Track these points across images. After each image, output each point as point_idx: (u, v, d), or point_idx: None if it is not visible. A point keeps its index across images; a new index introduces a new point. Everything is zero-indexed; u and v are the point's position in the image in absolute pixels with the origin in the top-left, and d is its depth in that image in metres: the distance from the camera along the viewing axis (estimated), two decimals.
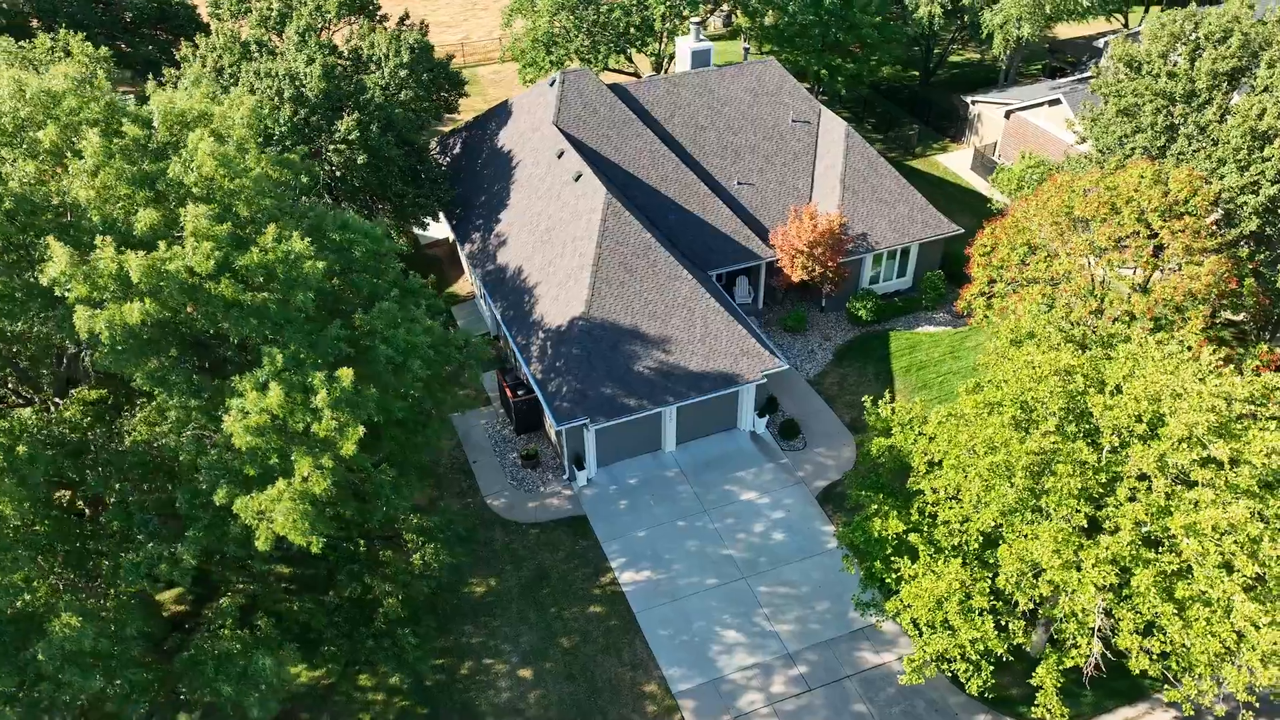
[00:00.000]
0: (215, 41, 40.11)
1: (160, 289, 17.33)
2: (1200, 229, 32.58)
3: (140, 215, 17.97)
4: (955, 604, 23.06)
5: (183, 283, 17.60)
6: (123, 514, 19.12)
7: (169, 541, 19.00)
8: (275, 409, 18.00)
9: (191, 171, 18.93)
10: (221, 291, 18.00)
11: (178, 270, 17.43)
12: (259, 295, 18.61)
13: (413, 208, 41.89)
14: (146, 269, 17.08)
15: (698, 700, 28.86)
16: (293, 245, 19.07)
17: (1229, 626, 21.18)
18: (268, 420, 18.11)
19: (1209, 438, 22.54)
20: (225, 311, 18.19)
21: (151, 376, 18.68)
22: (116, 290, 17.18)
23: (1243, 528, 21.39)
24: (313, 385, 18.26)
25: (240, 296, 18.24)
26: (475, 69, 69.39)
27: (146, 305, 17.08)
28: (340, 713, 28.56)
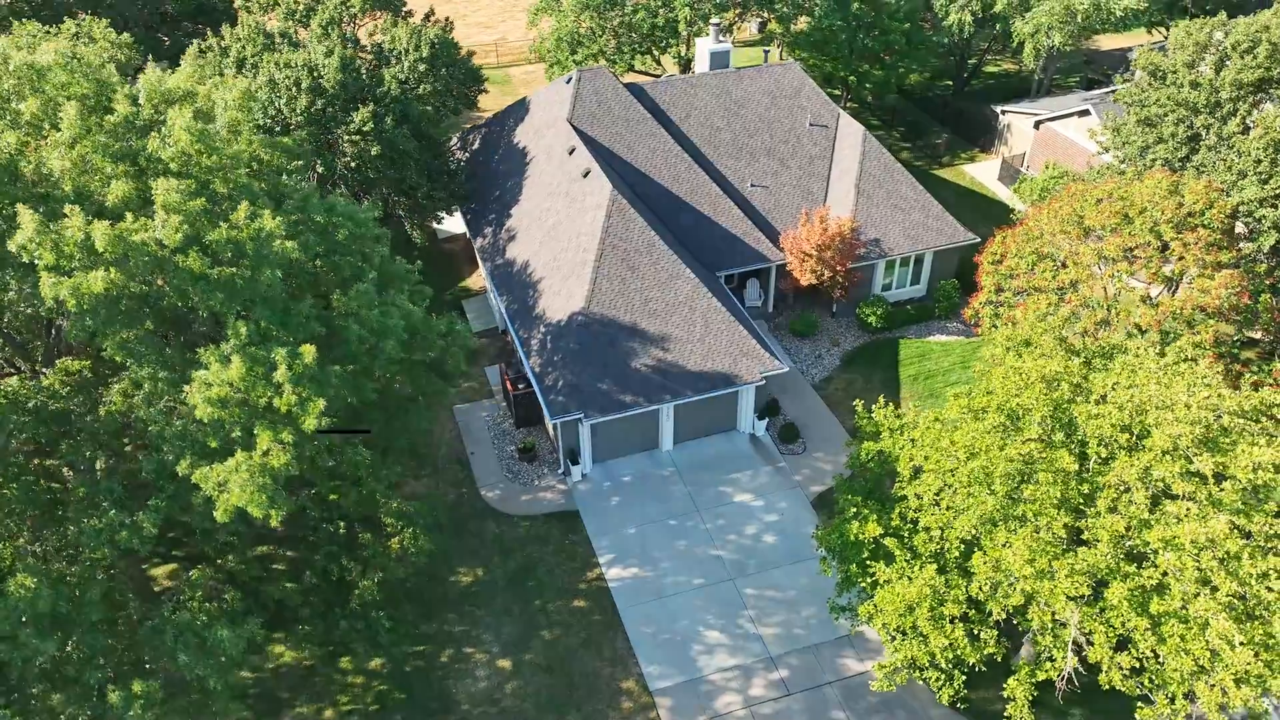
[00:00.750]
0: (240, 33, 40.91)
1: (126, 259, 17.70)
2: (1214, 242, 31.76)
3: (112, 187, 18.38)
4: (926, 610, 22.64)
5: (150, 254, 17.94)
6: (89, 481, 19.51)
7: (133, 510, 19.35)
8: (236, 381, 18.26)
9: (168, 146, 19.31)
10: (189, 265, 18.32)
11: (144, 241, 17.79)
12: (227, 270, 18.91)
13: (427, 201, 42.29)
14: (112, 239, 17.45)
15: (674, 699, 28.64)
16: (263, 223, 19.35)
17: (1204, 644, 20.52)
18: (229, 392, 18.38)
19: (1194, 450, 21.91)
20: (194, 285, 18.50)
21: (122, 347, 19.07)
22: (83, 259, 17.59)
23: (1222, 543, 20.74)
24: (275, 360, 18.50)
25: (207, 270, 18.55)
26: (508, 69, 69.95)
27: (112, 274, 17.45)
28: (320, 694, 28.81)
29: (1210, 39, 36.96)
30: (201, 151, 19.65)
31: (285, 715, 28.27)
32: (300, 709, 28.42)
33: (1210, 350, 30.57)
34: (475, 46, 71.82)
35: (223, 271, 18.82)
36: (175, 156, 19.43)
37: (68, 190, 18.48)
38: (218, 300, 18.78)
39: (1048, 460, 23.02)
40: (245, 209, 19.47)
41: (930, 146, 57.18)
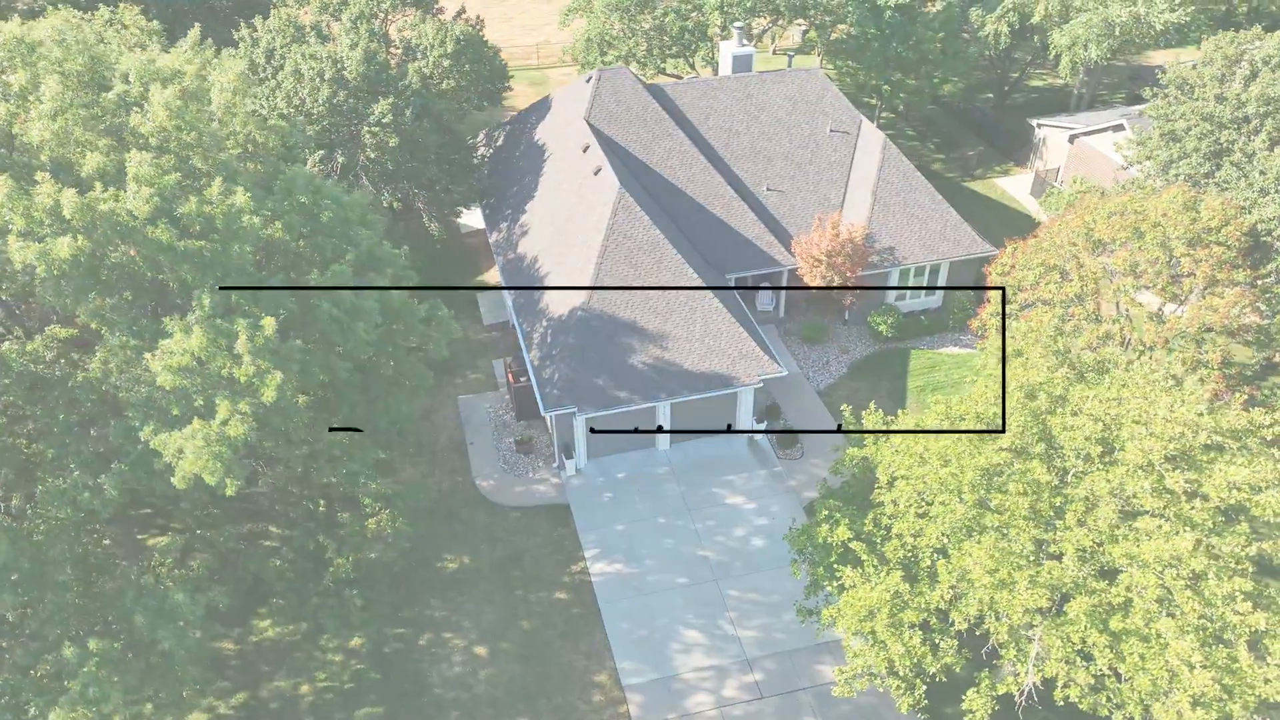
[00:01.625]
0: (271, 24, 41.96)
1: (94, 227, 18.33)
2: (1227, 259, 30.90)
3: (87, 158, 19.07)
4: (885, 616, 22.32)
5: (118, 223, 18.56)
6: (58, 442, 20.21)
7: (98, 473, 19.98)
8: (197, 351, 18.77)
9: (148, 122, 19.97)
10: (158, 236, 18.90)
11: (112, 211, 18.41)
12: (195, 243, 19.47)
13: (445, 194, 42.89)
14: (80, 207, 18.10)
15: (646, 696, 28.60)
16: (235, 199, 19.89)
17: (1163, 664, 19.94)
18: (191, 361, 18.91)
19: (1166, 466, 21.36)
20: (162, 255, 19.09)
21: (95, 314, 19.73)
22: (53, 226, 18.26)
23: (1187, 562, 20.16)
24: (236, 331, 18.99)
25: (176, 243, 19.12)
26: (548, 70, 70.62)
27: (79, 241, 18.09)
28: (299, 669, 29.34)
29: (1242, 53, 35.98)
30: (180, 128, 20.29)
31: (263, 688, 28.84)
32: (278, 683, 28.97)
33: (1216, 370, 29.72)
34: (518, 48, 72.96)
35: (191, 244, 19.39)
36: (154, 132, 20.09)
37: (43, 159, 19.24)
38: (186, 271, 19.35)
39: (1020, 471, 22.65)
40: (219, 184, 20.04)
41: (963, 159, 56.37)
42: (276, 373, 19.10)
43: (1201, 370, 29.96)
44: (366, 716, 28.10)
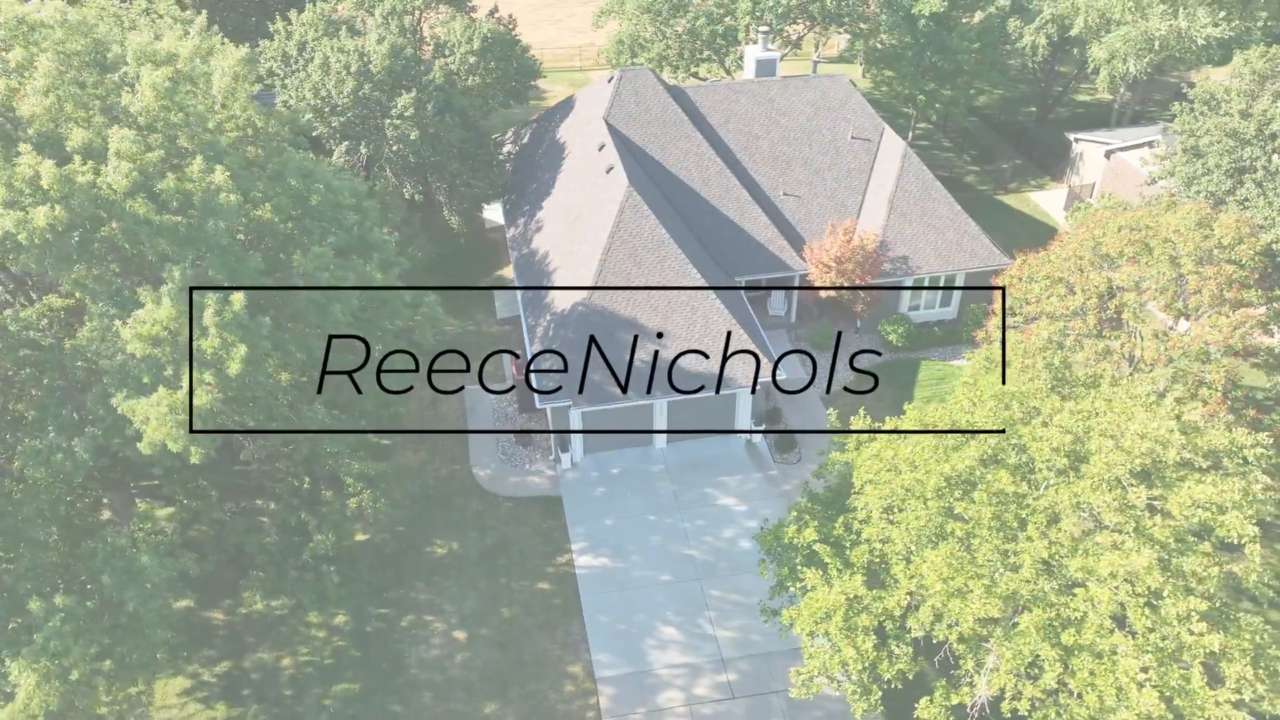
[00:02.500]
0: (305, 18, 43.12)
1: (71, 198, 19.16)
2: (1237, 278, 30.07)
3: (72, 133, 19.94)
4: (840, 619, 22.16)
5: (96, 195, 19.38)
6: (40, 406, 21.11)
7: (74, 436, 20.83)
8: (166, 321, 19.48)
9: (136, 101, 20.80)
10: (135, 209, 19.67)
11: (89, 183, 19.22)
12: (172, 218, 20.21)
13: (465, 189, 43.59)
14: (58, 178, 18.94)
15: (617, 689, 28.74)
16: (213, 177, 20.61)
17: (1113, 681, 19.51)
18: (162, 332, 19.62)
19: (1130, 481, 20.91)
20: (140, 229, 19.86)
21: (78, 284, 20.59)
22: (33, 196, 19.13)
23: (1143, 578, 19.71)
24: (205, 304, 19.67)
25: (152, 216, 19.88)
26: (589, 72, 71.24)
27: (55, 211, 18.92)
28: (283, 642, 30.08)
29: (1273, 69, 35.00)
30: (168, 109, 21.09)
31: (247, 658, 29.62)
32: (261, 654, 29.73)
33: (1218, 391, 28.90)
34: (563, 49, 73.79)
35: (168, 219, 20.14)
36: (142, 111, 20.92)
37: (31, 134, 20.19)
38: (162, 245, 20.10)
39: (988, 480, 22.36)
40: (199, 163, 20.79)
41: (997, 172, 55.54)
42: (241, 346, 19.73)
43: (1203, 390, 29.19)
44: (343, 692, 28.69)
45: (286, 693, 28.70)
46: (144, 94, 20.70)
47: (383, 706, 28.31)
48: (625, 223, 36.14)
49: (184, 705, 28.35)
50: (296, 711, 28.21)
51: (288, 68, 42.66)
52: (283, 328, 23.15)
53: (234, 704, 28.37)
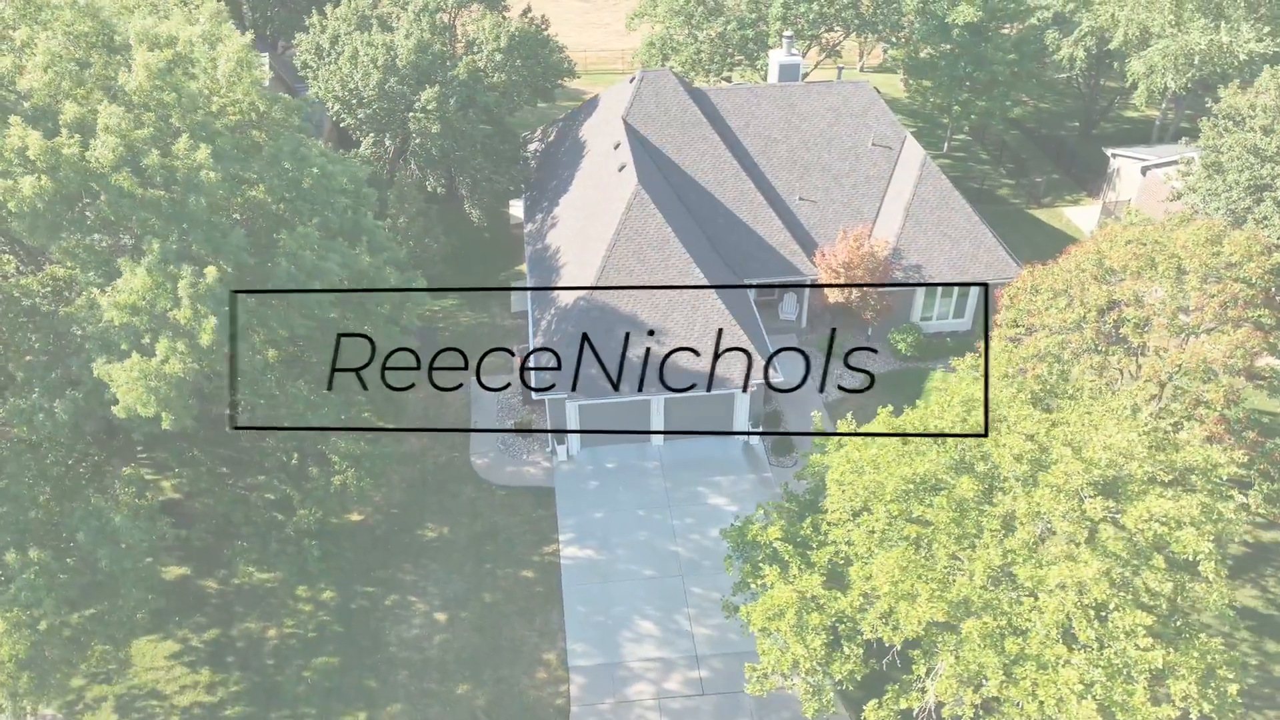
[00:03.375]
0: (340, 12, 44.33)
1: (57, 169, 20.13)
2: (1245, 296, 29.32)
3: (66, 108, 20.94)
4: (791, 617, 22.14)
5: (81, 168, 20.33)
6: (27, 367, 22.16)
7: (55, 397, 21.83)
8: (142, 291, 20.34)
9: (130, 81, 21.77)
10: (119, 182, 20.59)
11: (75, 155, 20.18)
12: (155, 193, 21.10)
13: (486, 183, 44.36)
14: (44, 149, 19.92)
15: (589, 678, 28.99)
16: (197, 155, 21.46)
17: (1054, 692, 19.22)
18: (139, 300, 20.49)
19: (1088, 492, 20.60)
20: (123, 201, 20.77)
21: (67, 253, 21.60)
22: (22, 166, 20.13)
23: (1091, 590, 19.39)
24: (180, 275, 20.49)
25: (136, 190, 20.77)
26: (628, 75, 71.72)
27: (41, 181, 19.89)
28: (271, 614, 30.93)
29: None
30: (160, 89, 22.01)
31: (235, 627, 30.53)
32: (249, 624, 30.61)
33: (1216, 410, 28.19)
34: (608, 52, 74.56)
35: (152, 193, 21.02)
36: (135, 90, 21.88)
37: (27, 107, 21.26)
38: (146, 218, 20.99)
39: (950, 485, 22.21)
40: (184, 141, 21.66)
41: (1031, 185, 54.68)
42: (212, 317, 20.50)
43: (1200, 409, 28.50)
44: (322, 665, 29.41)
45: (269, 662, 29.51)
46: (137, 73, 21.65)
47: (359, 682, 28.95)
48: (632, 220, 36.47)
49: (170, 668, 29.33)
50: (276, 681, 28.99)
51: (320, 60, 43.90)
52: (266, 304, 23.92)
53: (218, 670, 29.26)
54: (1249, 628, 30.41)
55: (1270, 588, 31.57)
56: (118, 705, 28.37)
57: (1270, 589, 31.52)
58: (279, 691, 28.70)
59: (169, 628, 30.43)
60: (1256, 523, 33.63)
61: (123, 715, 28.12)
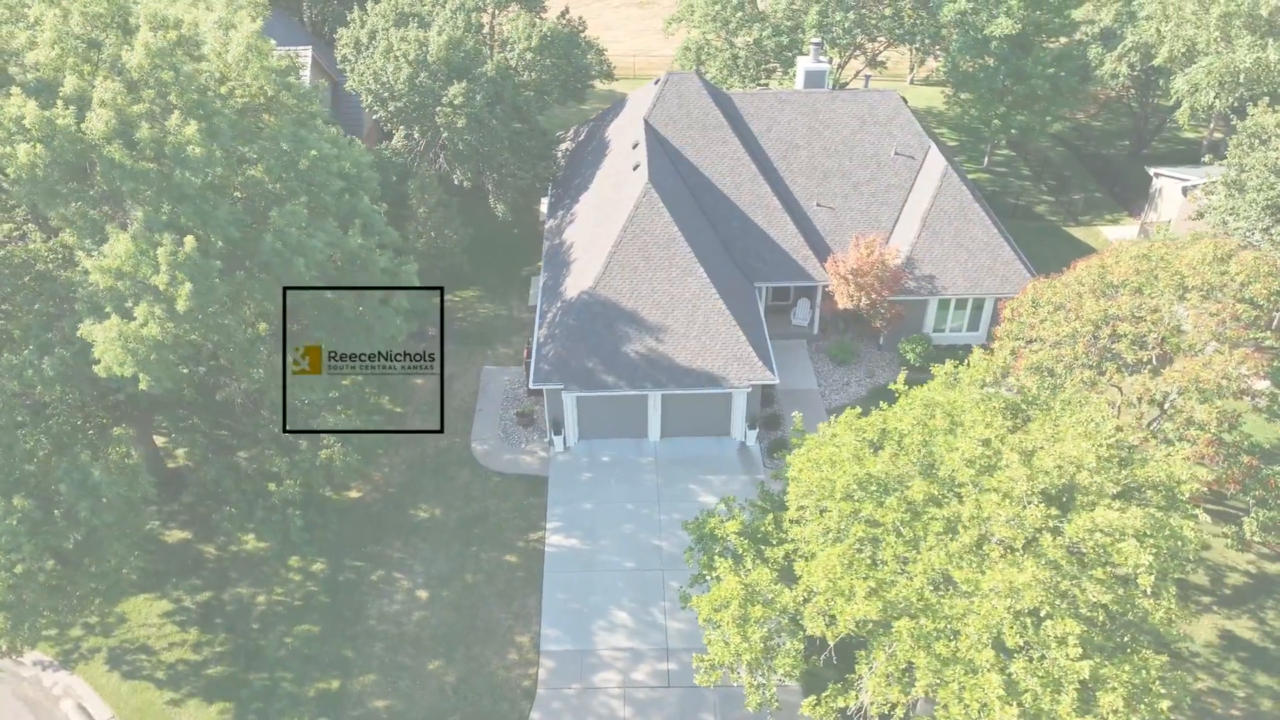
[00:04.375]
0: (379, 8, 45.72)
1: (51, 138, 21.39)
2: (1246, 317, 28.57)
3: (67, 81, 22.26)
4: (734, 610, 22.26)
5: (75, 138, 21.57)
6: (24, 326, 23.53)
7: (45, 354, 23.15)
8: (124, 257, 21.48)
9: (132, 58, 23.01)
10: (111, 153, 21.79)
11: (67, 125, 21.43)
12: (145, 165, 22.28)
13: (511, 179, 45.26)
14: (40, 119, 21.20)
15: (558, 663, 29.43)
16: (185, 131, 22.61)
17: (979, 696, 19.04)
18: (122, 265, 21.63)
19: (1031, 498, 20.38)
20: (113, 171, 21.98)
21: (64, 219, 22.92)
22: (20, 134, 21.45)
23: (1023, 596, 19.19)
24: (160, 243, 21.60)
25: (126, 161, 21.95)
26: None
27: (36, 149, 21.18)
28: (262, 581, 32.05)
29: None
30: (159, 67, 23.21)
31: (227, 591, 31.72)
32: (240, 589, 31.77)
33: (1208, 431, 27.49)
34: (657, 57, 75.09)
35: (142, 165, 22.20)
36: (135, 68, 23.11)
37: (30, 80, 22.63)
38: (135, 188, 22.17)
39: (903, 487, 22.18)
40: (176, 117, 22.83)
41: (1069, 202, 53.63)
42: (188, 284, 21.54)
43: (1192, 430, 27.81)
44: (304, 632, 30.38)
45: (254, 626, 30.60)
46: (136, 52, 22.89)
47: (336, 651, 29.84)
48: (640, 218, 36.92)
49: (162, 626, 30.60)
50: (259, 644, 30.05)
51: (358, 54, 45.32)
52: (255, 277, 24.97)
53: (206, 630, 30.45)
54: (1241, 659, 29.53)
55: (1269, 620, 30.54)
56: (110, 656, 29.72)
57: (1268, 621, 30.50)
58: (260, 655, 29.74)
59: (166, 588, 31.75)
60: (1264, 554, 32.59)
61: (113, 666, 29.46)
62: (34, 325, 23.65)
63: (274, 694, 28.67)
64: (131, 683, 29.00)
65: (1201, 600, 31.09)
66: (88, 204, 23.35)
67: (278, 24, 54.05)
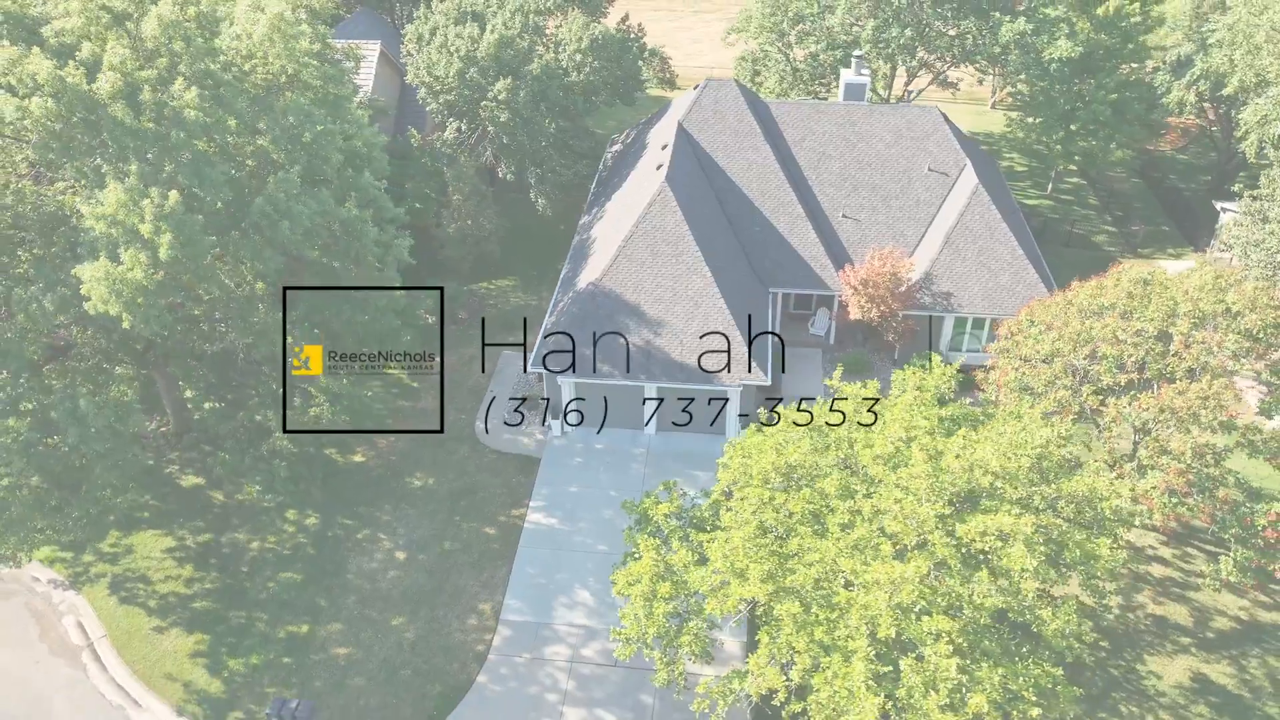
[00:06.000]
0: (443, 7, 48.05)
1: (62, 95, 23.79)
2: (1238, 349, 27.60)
3: (84, 46, 24.71)
4: (645, 586, 22.87)
5: (82, 94, 23.92)
6: (38, 265, 26.13)
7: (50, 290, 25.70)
8: (114, 205, 23.69)
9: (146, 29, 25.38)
10: (114, 113, 24.09)
11: (76, 84, 23.79)
12: (145, 124, 24.52)
13: (552, 174, 46.82)
14: (52, 76, 23.60)
15: (514, 632, 30.47)
16: (185, 96, 24.77)
17: (845, 683, 19.18)
18: (114, 213, 23.86)
19: (926, 495, 20.41)
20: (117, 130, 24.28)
21: (79, 171, 25.40)
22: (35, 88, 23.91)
23: (901, 590, 19.27)
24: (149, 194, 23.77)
25: (128, 121, 24.21)
26: None
27: (47, 104, 23.60)
28: (259, 529, 34.17)
29: None
30: (172, 38, 25.49)
31: (225, 535, 33.94)
32: (237, 534, 33.95)
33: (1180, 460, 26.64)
34: (717, 65, 76.04)
35: (143, 124, 24.45)
36: (150, 38, 25.45)
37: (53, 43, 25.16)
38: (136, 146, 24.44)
39: (821, 481, 22.48)
40: (180, 83, 25.03)
41: (1130, 234, 51.87)
42: (168, 233, 23.61)
43: (1164, 459, 26.97)
44: (286, 579, 32.29)
45: (243, 569, 32.68)
46: (150, 23, 25.23)
47: (312, 599, 31.62)
48: (652, 215, 37.80)
49: (162, 560, 32.99)
50: (245, 586, 32.09)
51: (419, 48, 47.71)
52: (249, 236, 27.01)
53: (200, 568, 32.68)
54: (1211, 703, 28.35)
55: (1249, 668, 29.16)
56: (112, 582, 32.24)
57: (1249, 669, 29.13)
58: (243, 595, 31.77)
59: (173, 527, 34.19)
60: (1260, 601, 31.12)
61: (114, 591, 31.96)
62: (46, 265, 26.18)
63: (248, 631, 30.60)
64: (126, 607, 31.41)
65: (1180, 641, 29.90)
66: (105, 160, 25.73)
67: (363, 20, 57.34)
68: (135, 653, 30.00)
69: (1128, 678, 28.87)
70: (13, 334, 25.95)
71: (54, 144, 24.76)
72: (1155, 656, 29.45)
